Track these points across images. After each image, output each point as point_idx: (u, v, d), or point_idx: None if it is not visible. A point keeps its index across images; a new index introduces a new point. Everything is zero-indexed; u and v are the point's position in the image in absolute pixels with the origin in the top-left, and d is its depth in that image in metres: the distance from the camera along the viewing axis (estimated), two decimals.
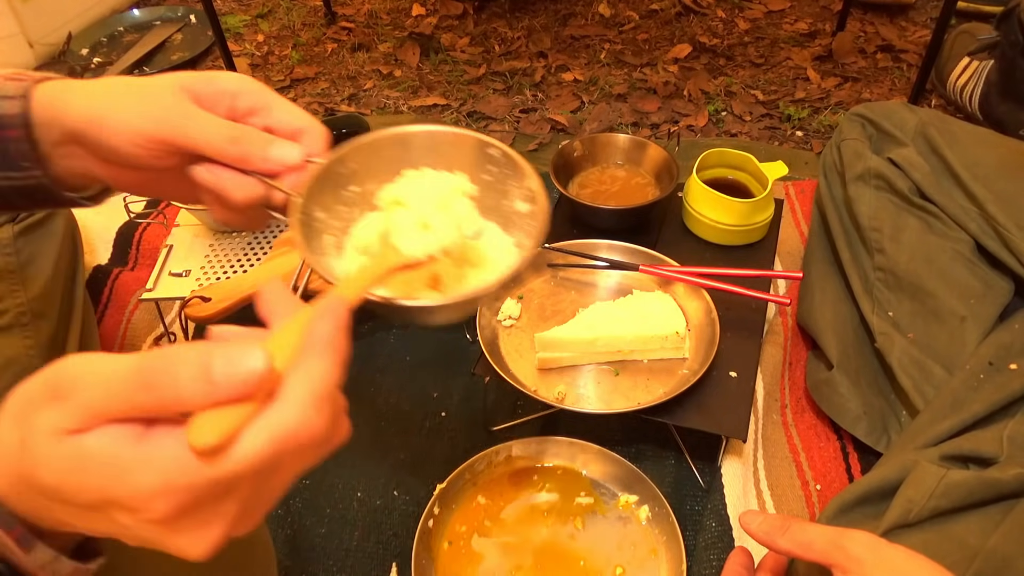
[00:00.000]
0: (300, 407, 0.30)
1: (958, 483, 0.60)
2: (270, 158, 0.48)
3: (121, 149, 0.47)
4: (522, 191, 0.53)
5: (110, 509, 0.30)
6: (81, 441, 0.30)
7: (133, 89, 0.48)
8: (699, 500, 0.81)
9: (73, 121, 0.47)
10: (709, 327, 0.84)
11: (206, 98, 0.49)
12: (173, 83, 0.49)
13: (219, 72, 0.50)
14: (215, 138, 0.46)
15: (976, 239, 0.83)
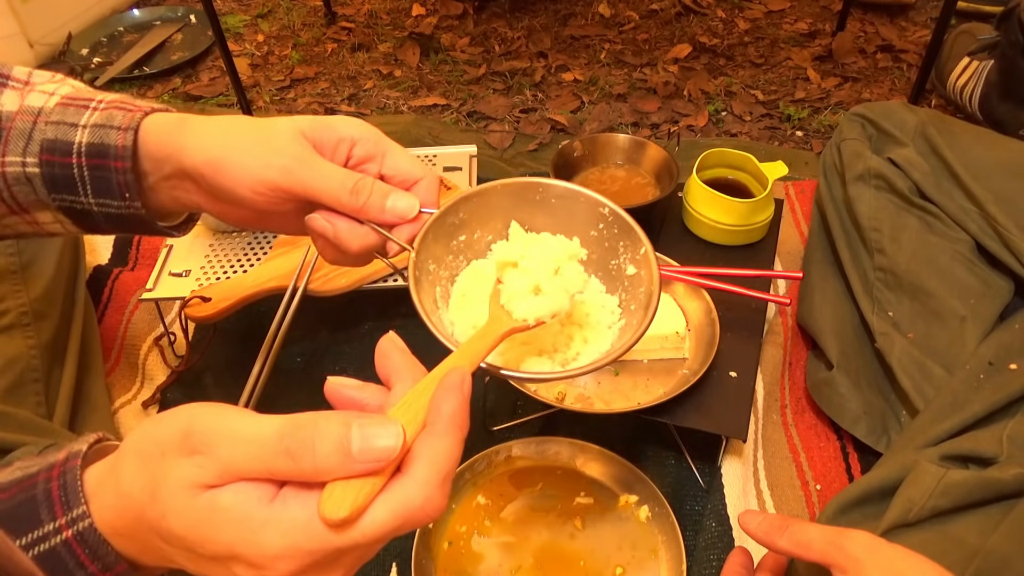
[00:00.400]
0: (426, 487, 0.32)
1: (958, 483, 0.60)
2: (387, 210, 0.48)
3: (240, 193, 0.47)
4: (632, 253, 0.55)
5: (232, 563, 0.32)
6: (216, 496, 0.32)
7: (253, 133, 0.48)
8: (699, 500, 0.81)
9: (191, 161, 0.48)
10: (709, 327, 0.84)
11: (326, 145, 0.49)
12: (294, 129, 0.48)
13: (338, 118, 0.51)
14: (335, 189, 0.47)
15: (976, 239, 0.83)
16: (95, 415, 0.87)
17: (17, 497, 0.33)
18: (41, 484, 0.33)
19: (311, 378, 0.94)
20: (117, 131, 0.48)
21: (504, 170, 1.31)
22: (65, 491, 0.33)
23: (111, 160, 0.48)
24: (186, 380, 0.95)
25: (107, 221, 0.51)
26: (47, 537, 0.32)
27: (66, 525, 0.32)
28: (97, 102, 0.50)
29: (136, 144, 0.48)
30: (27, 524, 0.32)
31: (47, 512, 0.32)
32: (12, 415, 0.68)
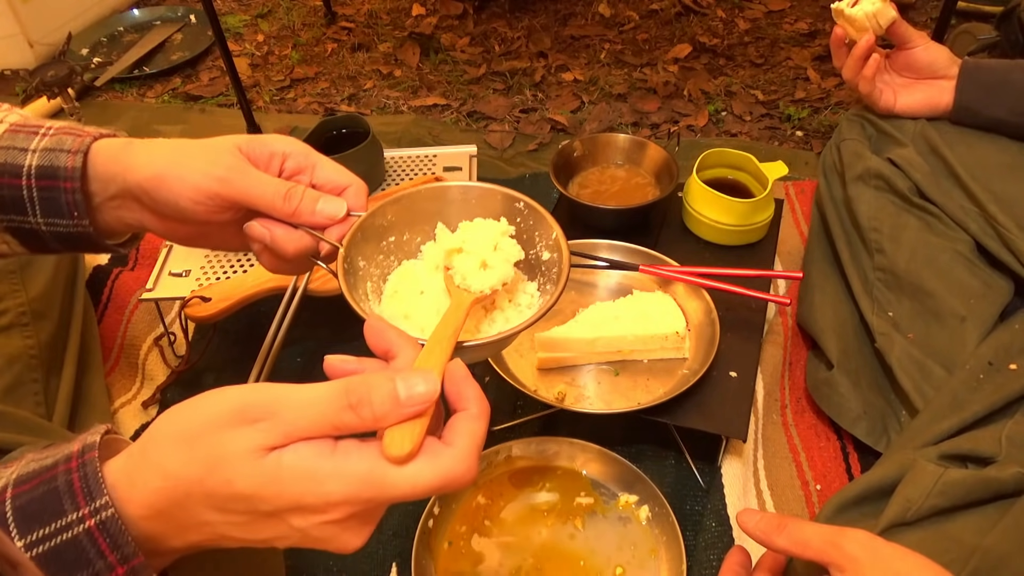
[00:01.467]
0: (467, 458, 0.37)
1: (956, 482, 0.60)
2: (317, 212, 0.52)
3: (182, 205, 0.51)
4: (545, 240, 0.59)
5: (292, 514, 0.36)
6: (280, 456, 0.35)
7: (193, 149, 0.52)
8: (699, 500, 0.81)
9: (137, 178, 0.51)
10: (709, 327, 0.84)
11: (260, 159, 0.53)
12: (231, 144, 0.53)
13: (270, 135, 0.55)
14: (270, 195, 0.51)
15: (976, 239, 0.83)
16: (94, 415, 0.87)
17: (39, 488, 0.34)
18: (62, 475, 0.34)
19: (311, 378, 0.94)
20: (67, 154, 0.51)
21: (504, 170, 1.31)
22: (86, 482, 0.34)
23: (60, 181, 0.51)
24: (186, 380, 0.95)
25: (55, 240, 0.54)
26: (71, 526, 0.33)
27: (89, 515, 0.34)
28: (46, 129, 0.53)
29: (85, 166, 0.52)
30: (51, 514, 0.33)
31: (70, 502, 0.34)
32: (11, 415, 0.68)
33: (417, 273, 0.58)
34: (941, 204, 0.85)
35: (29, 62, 1.66)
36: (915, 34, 0.89)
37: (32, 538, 0.33)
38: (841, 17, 0.90)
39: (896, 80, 0.93)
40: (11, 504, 0.33)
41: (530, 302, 0.58)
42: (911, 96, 0.91)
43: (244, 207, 0.52)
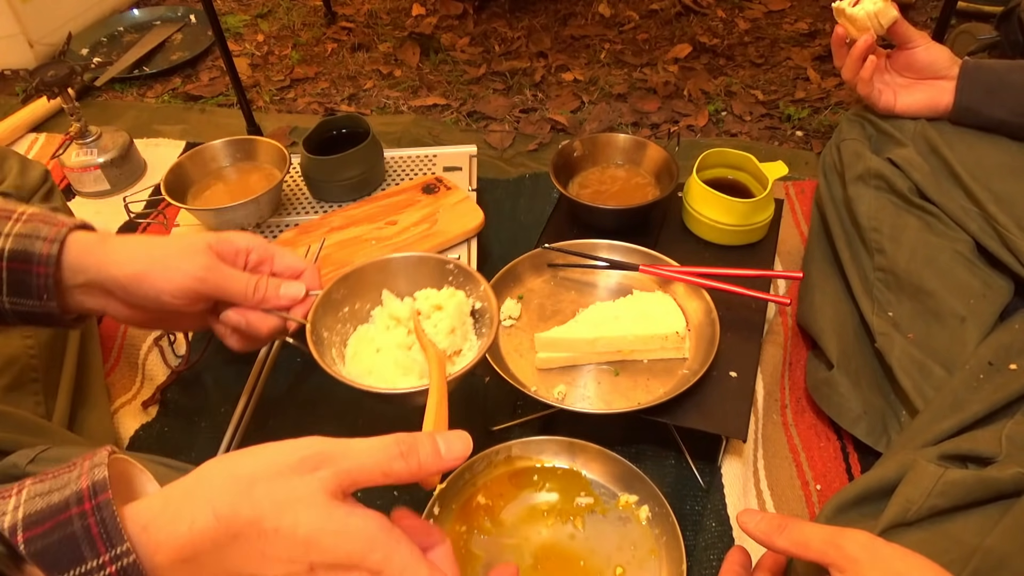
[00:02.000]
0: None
1: (956, 482, 0.60)
2: (282, 296, 0.62)
3: (163, 299, 0.58)
4: (476, 293, 0.72)
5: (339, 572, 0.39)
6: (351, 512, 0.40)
7: (170, 249, 0.59)
8: (699, 500, 0.81)
9: (115, 274, 0.57)
10: (709, 327, 0.84)
11: (227, 255, 0.61)
12: (202, 244, 0.59)
13: (232, 233, 0.63)
14: (241, 289, 0.60)
15: (976, 239, 0.83)
16: (94, 415, 0.87)
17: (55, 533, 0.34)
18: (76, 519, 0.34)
19: (310, 378, 0.94)
20: (43, 241, 0.56)
21: (504, 170, 1.31)
22: (104, 527, 0.34)
23: (34, 266, 0.56)
24: (186, 380, 0.95)
25: (15, 316, 0.58)
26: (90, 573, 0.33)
27: (109, 561, 0.33)
28: (19, 214, 0.57)
29: (62, 257, 0.57)
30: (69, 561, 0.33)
31: (89, 549, 0.33)
32: (11, 415, 0.68)
33: (371, 335, 0.70)
34: (941, 204, 0.85)
35: (29, 62, 1.66)
36: (916, 34, 0.89)
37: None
38: (842, 16, 0.90)
39: (897, 80, 0.93)
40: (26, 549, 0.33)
41: (471, 345, 0.71)
42: (911, 96, 0.91)
43: (216, 299, 0.60)
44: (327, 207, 1.07)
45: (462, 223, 0.98)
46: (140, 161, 1.35)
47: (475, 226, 0.98)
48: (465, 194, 1.03)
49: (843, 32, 0.91)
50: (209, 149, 1.08)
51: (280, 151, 1.06)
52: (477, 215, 0.99)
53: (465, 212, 1.00)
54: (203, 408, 0.93)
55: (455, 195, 1.03)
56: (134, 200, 1.11)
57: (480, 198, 1.05)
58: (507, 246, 1.13)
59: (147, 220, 1.18)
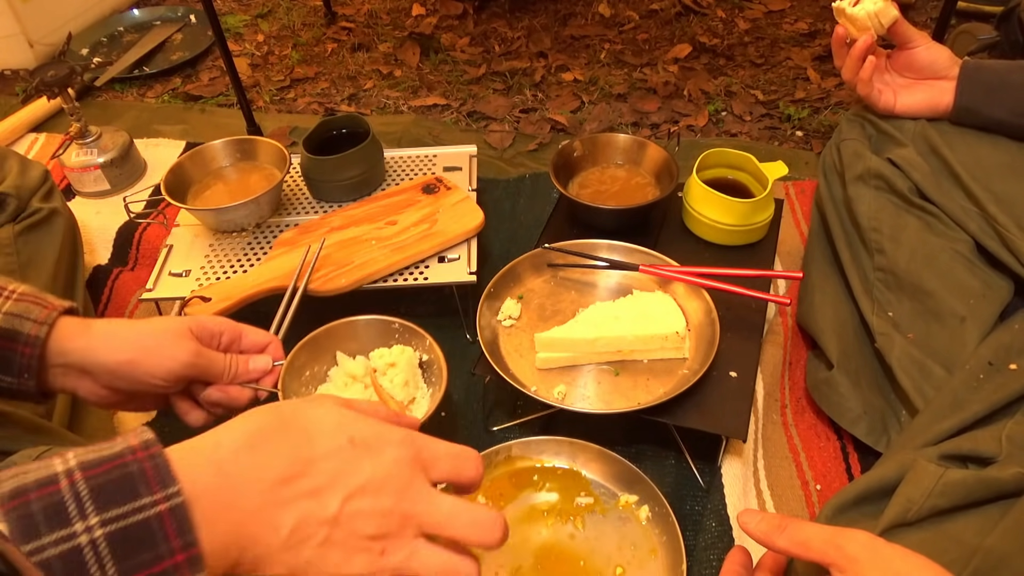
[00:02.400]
0: None
1: (956, 482, 0.60)
2: (252, 371, 0.69)
3: (152, 383, 0.62)
4: (423, 348, 0.82)
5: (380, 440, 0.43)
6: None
7: (156, 337, 0.63)
8: (699, 500, 0.81)
9: (103, 360, 0.61)
10: (709, 327, 0.84)
11: (205, 338, 0.66)
12: (184, 329, 0.64)
13: (205, 316, 0.69)
14: (220, 371, 0.66)
15: (976, 239, 0.83)
16: (94, 415, 0.87)
17: (113, 472, 0.36)
18: (132, 463, 0.37)
19: None
20: (32, 323, 0.59)
21: (504, 170, 1.31)
22: (157, 471, 0.36)
23: (21, 345, 0.58)
24: None
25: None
26: (143, 509, 0.35)
27: (162, 500, 0.36)
28: (9, 291, 0.60)
29: (49, 340, 0.59)
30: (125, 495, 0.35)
31: (144, 487, 0.36)
32: (11, 415, 0.68)
33: (330, 393, 0.79)
34: (941, 204, 0.85)
35: (29, 62, 1.66)
36: (916, 34, 0.89)
37: (108, 516, 0.34)
38: (843, 16, 0.90)
39: (897, 80, 0.93)
40: (86, 484, 0.35)
41: (423, 393, 0.81)
42: (911, 96, 0.91)
43: (200, 381, 0.66)
44: (327, 207, 1.07)
45: (462, 223, 0.98)
46: (140, 161, 1.35)
47: (475, 226, 0.98)
48: (465, 194, 1.03)
49: (843, 32, 0.91)
50: (209, 149, 1.08)
51: (280, 151, 1.06)
52: (477, 215, 0.99)
53: (465, 212, 1.00)
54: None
55: (455, 195, 1.03)
56: (134, 200, 1.11)
57: (480, 198, 1.05)
58: (507, 246, 1.13)
59: (147, 220, 1.18)
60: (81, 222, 1.03)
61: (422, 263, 0.95)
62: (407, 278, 0.94)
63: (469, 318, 0.97)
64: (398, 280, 0.93)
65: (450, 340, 1.00)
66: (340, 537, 0.40)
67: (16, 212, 0.89)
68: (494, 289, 0.90)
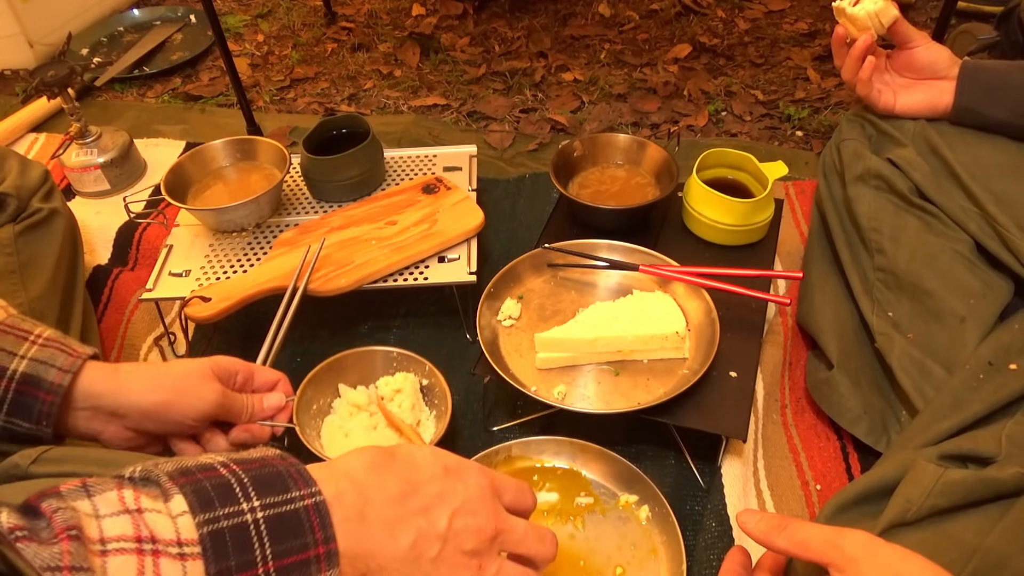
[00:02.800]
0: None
1: (956, 482, 0.60)
2: (267, 408, 0.72)
3: (185, 423, 0.65)
4: (423, 373, 0.85)
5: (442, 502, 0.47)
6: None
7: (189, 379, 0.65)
8: (699, 500, 0.81)
9: (136, 402, 0.62)
10: (709, 327, 0.84)
11: (224, 379, 0.68)
12: (208, 372, 0.67)
13: (222, 358, 0.70)
14: (241, 408, 0.69)
15: (976, 239, 0.83)
16: None
17: (265, 469, 0.40)
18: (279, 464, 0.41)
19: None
20: (56, 370, 0.58)
21: (504, 170, 1.31)
22: (300, 472, 0.41)
23: (43, 392, 0.58)
24: None
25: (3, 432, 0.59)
26: (294, 500, 0.39)
27: (308, 495, 0.40)
28: (35, 336, 0.60)
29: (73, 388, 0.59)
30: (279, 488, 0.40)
31: (293, 483, 0.40)
32: None
33: (336, 423, 0.83)
34: (941, 204, 0.85)
35: (29, 62, 1.66)
36: (916, 34, 0.89)
37: (266, 501, 0.38)
38: (843, 16, 0.90)
39: (897, 80, 0.93)
40: (244, 473, 0.39)
41: (427, 415, 0.84)
42: (911, 97, 0.91)
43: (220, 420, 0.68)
44: (327, 207, 1.07)
45: (462, 223, 0.98)
46: (140, 161, 1.35)
47: (475, 226, 0.98)
48: (465, 194, 1.03)
49: (843, 32, 0.91)
50: (209, 149, 1.08)
51: (280, 151, 1.06)
52: (477, 215, 0.99)
53: (465, 212, 1.00)
54: None
55: (455, 195, 1.03)
56: (134, 200, 1.11)
57: (480, 198, 1.05)
58: (507, 246, 1.13)
59: (147, 220, 1.18)
60: (81, 222, 1.03)
61: (422, 263, 0.95)
62: (407, 278, 0.94)
63: (469, 318, 0.97)
64: (398, 280, 0.93)
65: (450, 340, 1.00)
66: (448, 553, 0.44)
67: (16, 212, 0.89)
68: (494, 289, 0.90)
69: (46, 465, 0.55)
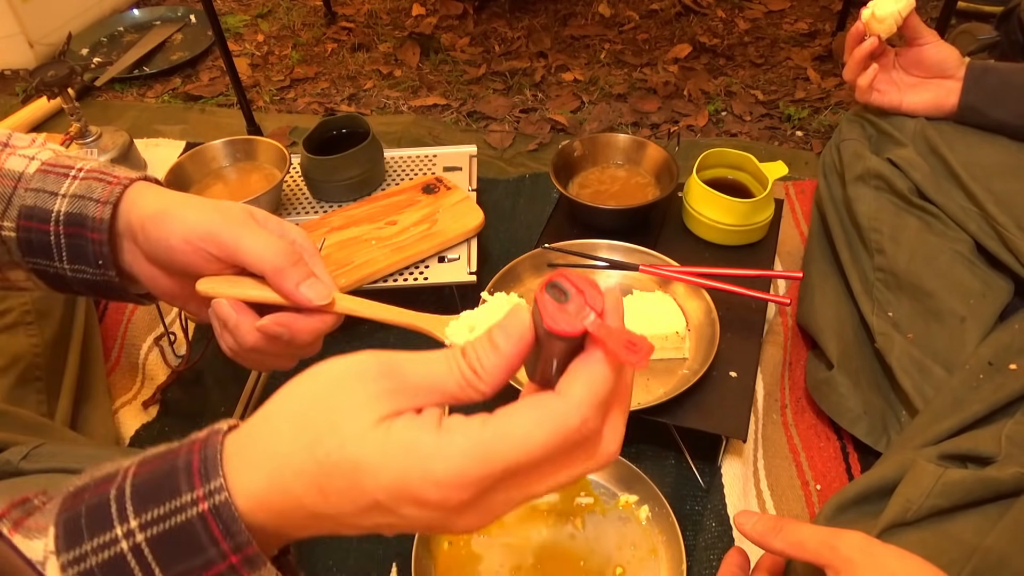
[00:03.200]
0: (581, 407, 0.32)
1: (956, 482, 0.60)
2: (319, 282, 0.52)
3: (172, 245, 0.49)
4: None
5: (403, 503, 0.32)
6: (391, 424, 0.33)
7: (204, 200, 0.52)
8: (699, 500, 0.81)
9: (139, 215, 0.50)
10: (709, 327, 0.84)
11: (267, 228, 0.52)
12: (244, 207, 0.52)
13: (285, 222, 0.54)
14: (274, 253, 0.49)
15: (976, 239, 0.83)
16: (96, 414, 0.88)
17: (160, 467, 0.33)
18: (183, 456, 0.33)
19: None
20: (95, 203, 0.50)
21: (504, 170, 1.31)
22: (205, 463, 0.32)
23: (88, 231, 0.50)
24: (186, 380, 0.96)
25: (81, 285, 0.53)
26: (184, 508, 0.32)
27: (203, 497, 0.32)
28: (77, 170, 0.52)
29: (114, 216, 0.51)
30: (166, 493, 0.32)
31: (186, 482, 0.32)
32: (13, 414, 0.69)
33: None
34: (941, 204, 0.85)
35: (29, 62, 1.66)
36: (927, 30, 0.89)
37: (146, 518, 0.31)
38: (872, 19, 0.89)
39: (904, 79, 0.93)
40: (131, 481, 0.32)
41: None
42: (918, 95, 0.91)
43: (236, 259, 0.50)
44: (327, 207, 1.07)
45: (462, 223, 0.98)
46: (140, 161, 1.35)
47: (475, 226, 0.98)
48: (465, 194, 1.03)
49: (863, 29, 0.91)
50: (209, 149, 1.08)
51: (280, 151, 1.06)
52: (477, 215, 0.99)
53: (465, 212, 1.00)
54: (203, 408, 0.93)
55: (455, 195, 1.03)
56: None
57: (480, 198, 1.05)
58: (507, 246, 1.13)
59: None
60: None
61: (422, 263, 0.95)
62: (407, 278, 0.94)
63: None
64: (398, 280, 0.94)
65: None
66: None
67: None
68: (494, 289, 0.90)
69: (37, 461, 0.55)
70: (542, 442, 0.32)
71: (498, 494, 0.33)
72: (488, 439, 0.32)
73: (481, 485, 0.32)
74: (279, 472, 0.33)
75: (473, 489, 0.32)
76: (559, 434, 0.32)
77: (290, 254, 0.50)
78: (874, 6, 0.89)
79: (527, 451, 0.32)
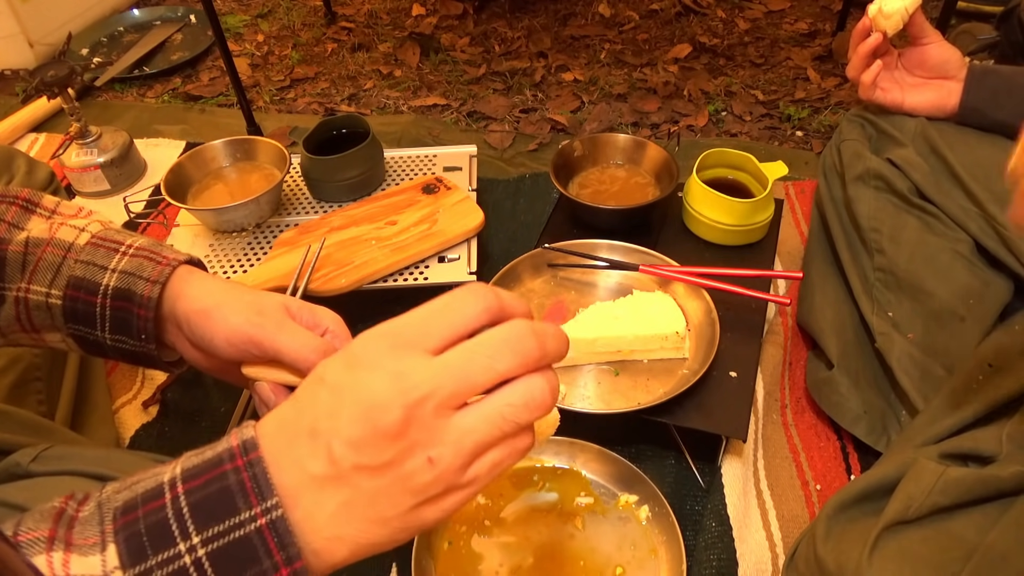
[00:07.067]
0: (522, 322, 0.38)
1: (957, 480, 0.60)
2: None
3: (216, 344, 0.53)
4: None
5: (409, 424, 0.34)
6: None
7: (246, 295, 0.54)
8: (699, 500, 0.81)
9: (185, 309, 0.54)
10: (709, 327, 0.84)
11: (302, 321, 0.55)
12: (278, 299, 0.55)
13: (319, 308, 0.56)
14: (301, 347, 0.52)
15: (976, 239, 0.83)
16: (96, 414, 0.87)
17: (212, 485, 0.35)
18: (231, 473, 0.35)
19: None
20: (145, 282, 0.53)
21: (504, 170, 1.31)
22: (256, 482, 0.35)
23: (135, 307, 0.53)
24: (186, 380, 0.95)
25: (117, 352, 0.56)
26: (243, 524, 0.34)
27: (261, 514, 0.34)
28: (127, 247, 0.55)
29: (161, 296, 0.54)
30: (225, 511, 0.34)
31: (243, 500, 0.34)
32: (14, 414, 0.68)
33: None
34: (941, 204, 0.85)
35: (29, 62, 1.66)
36: (931, 29, 0.89)
37: (208, 534, 0.34)
38: (879, 16, 0.89)
39: (906, 79, 0.93)
40: (186, 500, 0.34)
41: None
42: (920, 95, 0.91)
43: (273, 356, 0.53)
44: (327, 207, 1.07)
45: (462, 223, 0.98)
46: (140, 161, 1.35)
47: (475, 226, 0.98)
48: (465, 194, 1.03)
49: (869, 25, 0.90)
50: (209, 149, 1.08)
51: (280, 151, 1.06)
52: (477, 215, 0.99)
53: (465, 212, 1.00)
54: (203, 408, 0.93)
55: (455, 195, 1.03)
56: (134, 200, 1.11)
57: (480, 198, 1.05)
58: (507, 246, 1.13)
59: (147, 220, 1.18)
60: None
61: (422, 263, 0.95)
62: (407, 278, 0.94)
63: None
64: (398, 280, 0.94)
65: None
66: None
67: None
68: None
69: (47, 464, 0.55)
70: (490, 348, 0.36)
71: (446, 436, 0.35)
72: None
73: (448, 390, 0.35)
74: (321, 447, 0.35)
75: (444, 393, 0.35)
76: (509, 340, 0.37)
77: (323, 351, 0.53)
78: (881, 2, 0.88)
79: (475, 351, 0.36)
